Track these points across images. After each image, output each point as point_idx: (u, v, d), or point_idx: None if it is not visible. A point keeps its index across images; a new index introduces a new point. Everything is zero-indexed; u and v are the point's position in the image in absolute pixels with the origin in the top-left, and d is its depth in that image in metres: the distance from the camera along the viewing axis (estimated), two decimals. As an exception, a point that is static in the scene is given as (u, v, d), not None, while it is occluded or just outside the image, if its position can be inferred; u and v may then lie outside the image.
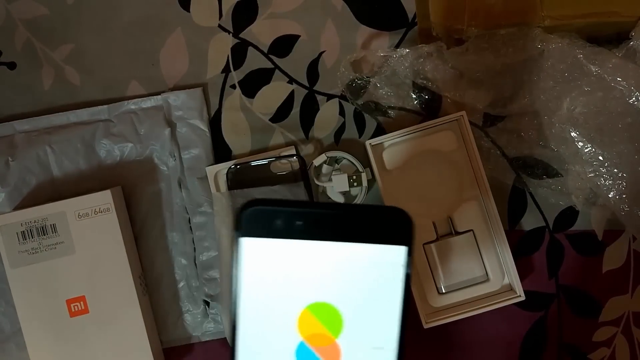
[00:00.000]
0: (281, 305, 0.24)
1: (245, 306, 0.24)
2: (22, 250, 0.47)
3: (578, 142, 0.45)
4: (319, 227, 0.23)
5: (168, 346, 0.51)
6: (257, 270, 0.24)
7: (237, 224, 0.23)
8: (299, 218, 0.23)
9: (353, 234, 0.24)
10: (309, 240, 0.24)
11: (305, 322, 0.24)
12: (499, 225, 0.48)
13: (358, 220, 0.24)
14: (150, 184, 0.51)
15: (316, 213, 0.24)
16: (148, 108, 0.52)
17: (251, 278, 0.24)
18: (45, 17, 0.53)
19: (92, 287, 0.47)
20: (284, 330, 0.24)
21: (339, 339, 0.24)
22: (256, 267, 0.24)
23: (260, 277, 0.24)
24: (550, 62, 0.45)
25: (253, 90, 0.52)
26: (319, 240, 0.24)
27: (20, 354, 0.50)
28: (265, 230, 0.23)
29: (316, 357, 0.24)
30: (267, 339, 0.24)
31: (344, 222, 0.23)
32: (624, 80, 0.43)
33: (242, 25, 0.52)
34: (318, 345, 0.24)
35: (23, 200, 0.51)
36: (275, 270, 0.24)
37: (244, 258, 0.24)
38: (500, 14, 0.46)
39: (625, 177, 0.45)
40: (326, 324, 0.24)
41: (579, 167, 0.46)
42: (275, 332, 0.24)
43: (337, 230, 0.24)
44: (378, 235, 0.24)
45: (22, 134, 0.51)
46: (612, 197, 0.45)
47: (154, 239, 0.51)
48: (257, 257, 0.24)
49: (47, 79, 0.53)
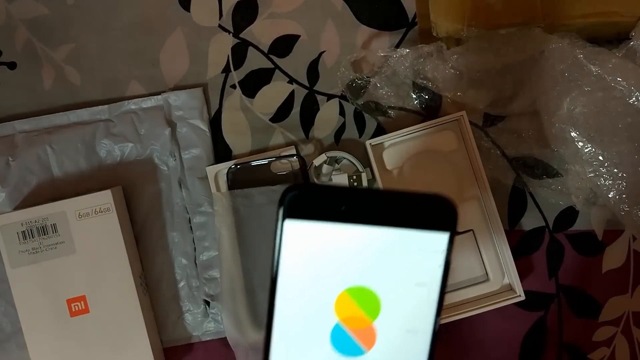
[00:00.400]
0: (319, 287, 0.24)
1: (283, 287, 0.24)
2: (23, 250, 0.47)
3: (578, 142, 0.45)
4: (362, 212, 0.24)
5: (168, 346, 0.52)
6: (298, 252, 0.24)
7: (281, 206, 0.23)
8: (343, 202, 0.24)
9: (396, 220, 0.24)
10: (351, 225, 0.24)
11: (343, 305, 0.24)
12: (498, 225, 0.48)
13: (402, 206, 0.24)
14: (150, 184, 0.51)
15: (360, 198, 0.24)
16: (148, 108, 0.52)
17: (291, 260, 0.24)
18: (46, 17, 0.53)
19: (92, 287, 0.47)
20: (321, 311, 0.24)
21: (375, 322, 0.24)
22: (297, 249, 0.24)
23: (300, 259, 0.24)
24: (551, 62, 0.45)
25: (253, 90, 0.52)
26: (361, 224, 0.24)
27: (20, 354, 0.50)
28: (309, 213, 0.24)
29: (351, 339, 0.24)
30: (303, 319, 0.24)
31: (388, 208, 0.24)
32: (624, 80, 0.43)
33: (242, 25, 0.52)
34: (354, 327, 0.24)
35: (23, 200, 0.51)
36: (316, 253, 0.24)
37: (286, 240, 0.24)
38: (500, 14, 0.46)
39: (625, 177, 0.45)
40: (363, 307, 0.24)
41: (578, 167, 0.46)
42: (312, 313, 0.24)
43: (380, 215, 0.24)
44: (421, 222, 0.24)
45: (23, 134, 0.51)
46: (612, 197, 0.45)
47: (155, 238, 0.51)
48: (298, 239, 0.24)
49: (48, 78, 0.53)
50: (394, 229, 0.24)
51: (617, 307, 0.52)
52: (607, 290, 0.52)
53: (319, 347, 0.24)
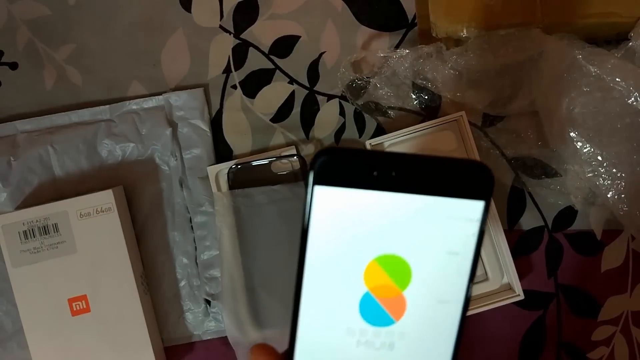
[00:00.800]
0: (349, 255, 0.23)
1: (312, 255, 0.23)
2: (24, 250, 0.47)
3: (577, 142, 0.45)
4: (394, 179, 0.23)
5: (169, 345, 0.52)
6: (328, 219, 0.23)
7: (310, 172, 0.23)
8: (375, 168, 0.22)
9: (429, 187, 0.23)
10: (382, 192, 0.23)
11: (372, 274, 0.23)
12: (498, 225, 0.48)
13: (435, 173, 0.22)
14: (151, 184, 0.51)
15: (393, 163, 0.22)
16: (149, 108, 0.52)
17: (321, 227, 0.23)
18: (47, 18, 0.53)
19: (93, 286, 0.47)
20: (350, 280, 0.23)
21: (405, 291, 0.23)
22: (327, 216, 0.23)
23: (330, 226, 0.23)
24: (550, 63, 0.46)
25: (254, 90, 0.53)
26: (393, 191, 0.23)
27: (21, 353, 0.50)
28: (339, 179, 0.23)
29: (380, 308, 0.24)
30: (332, 288, 0.24)
31: (421, 174, 0.22)
32: (622, 81, 0.43)
33: (243, 26, 0.53)
34: (383, 296, 0.23)
35: (25, 200, 0.51)
36: (346, 221, 0.23)
37: (315, 206, 0.23)
38: (499, 14, 0.47)
39: (624, 177, 0.45)
40: (393, 276, 0.23)
41: (577, 167, 0.47)
42: (341, 281, 0.23)
43: (413, 182, 0.23)
44: (455, 189, 0.22)
45: (24, 134, 0.52)
46: (610, 197, 0.45)
47: (156, 238, 0.51)
48: (328, 206, 0.23)
49: (49, 79, 0.53)
50: (427, 196, 0.23)
51: (616, 307, 0.52)
52: (606, 289, 0.52)
53: (347, 316, 0.24)
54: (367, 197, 0.23)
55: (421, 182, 0.22)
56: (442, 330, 0.23)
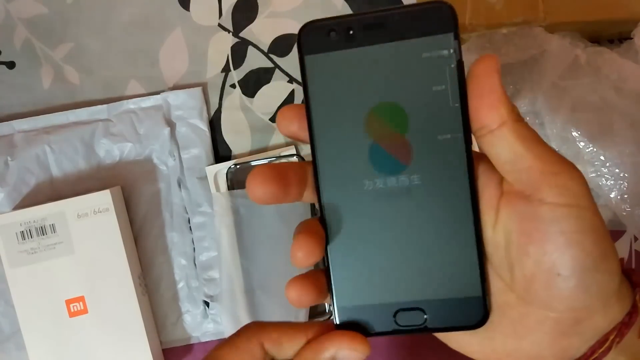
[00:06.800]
0: (348, 112, 0.26)
1: (317, 121, 0.26)
2: (21, 250, 0.47)
3: (579, 142, 0.45)
4: (368, 33, 0.25)
5: (167, 347, 0.51)
6: (322, 83, 0.26)
7: (297, 45, 0.26)
8: (349, 26, 0.25)
9: (401, 33, 0.25)
10: (361, 47, 0.25)
11: (373, 124, 0.25)
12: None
13: (403, 19, 0.25)
14: (149, 184, 0.51)
15: (363, 19, 0.25)
16: (147, 107, 0.51)
17: (318, 92, 0.26)
18: (45, 16, 0.52)
19: (91, 288, 0.47)
20: (354, 136, 0.26)
21: (407, 135, 0.25)
22: (320, 80, 0.26)
23: (325, 89, 0.26)
24: (552, 62, 0.45)
25: (253, 89, 0.52)
26: (370, 45, 0.25)
27: (19, 354, 0.50)
28: (323, 45, 0.26)
29: (389, 155, 0.25)
30: (341, 148, 0.26)
31: (391, 23, 0.25)
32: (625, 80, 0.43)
33: (242, 25, 0.52)
34: (389, 144, 0.25)
35: (22, 200, 0.51)
36: (337, 81, 0.26)
37: (308, 74, 0.26)
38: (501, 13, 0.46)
39: (627, 177, 0.45)
40: (392, 123, 0.25)
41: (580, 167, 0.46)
42: (347, 140, 0.26)
43: (386, 32, 0.25)
44: (424, 29, 0.25)
45: (21, 134, 0.51)
46: (613, 197, 0.45)
47: (154, 239, 0.51)
48: (319, 71, 0.26)
49: (47, 78, 0.53)
50: (402, 41, 0.25)
51: (618, 308, 0.51)
52: (608, 290, 0.51)
53: (361, 171, 0.26)
54: (349, 55, 0.26)
55: (393, 30, 0.25)
56: (452, 167, 0.25)
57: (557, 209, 0.23)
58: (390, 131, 0.25)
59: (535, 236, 0.23)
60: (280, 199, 0.26)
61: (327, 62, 0.26)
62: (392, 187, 0.26)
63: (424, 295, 0.26)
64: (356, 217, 0.26)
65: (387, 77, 0.25)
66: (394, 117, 0.25)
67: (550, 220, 0.23)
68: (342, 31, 0.25)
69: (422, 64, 0.25)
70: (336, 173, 0.26)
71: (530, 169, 0.23)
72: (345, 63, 0.26)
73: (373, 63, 0.25)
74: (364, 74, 0.26)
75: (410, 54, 0.25)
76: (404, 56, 0.25)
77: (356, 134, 0.26)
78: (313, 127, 0.26)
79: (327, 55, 0.26)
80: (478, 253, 0.25)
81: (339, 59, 0.26)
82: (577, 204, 0.23)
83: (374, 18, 0.25)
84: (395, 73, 0.25)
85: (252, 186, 0.25)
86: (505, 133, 0.23)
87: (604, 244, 0.23)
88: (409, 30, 0.25)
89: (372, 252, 0.26)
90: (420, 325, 0.26)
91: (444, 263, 0.25)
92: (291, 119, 0.26)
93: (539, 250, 0.23)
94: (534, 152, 0.23)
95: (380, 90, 0.25)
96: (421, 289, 0.26)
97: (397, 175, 0.25)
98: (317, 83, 0.26)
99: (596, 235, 0.23)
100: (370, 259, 0.26)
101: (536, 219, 0.23)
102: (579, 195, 0.23)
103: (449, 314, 0.26)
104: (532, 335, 0.24)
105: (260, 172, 0.25)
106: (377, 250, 0.26)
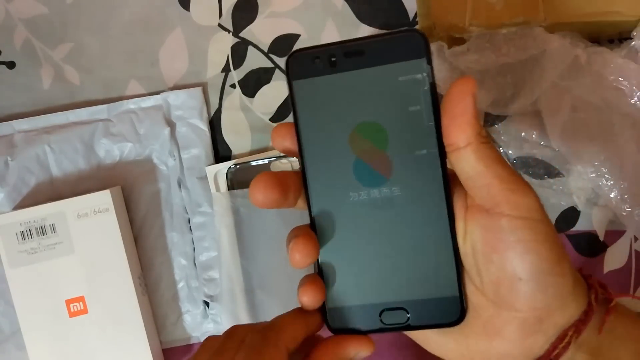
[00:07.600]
0: (333, 131, 0.28)
1: (306, 139, 0.29)
2: (21, 250, 0.47)
3: (580, 142, 0.45)
4: (349, 59, 0.28)
5: (167, 346, 0.51)
6: (308, 105, 0.29)
7: (286, 72, 0.29)
8: (332, 54, 0.28)
9: (379, 58, 0.28)
10: (343, 72, 0.28)
11: (356, 142, 0.28)
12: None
13: (380, 47, 0.28)
14: (149, 184, 0.51)
15: (344, 47, 0.28)
16: (147, 107, 0.51)
17: (306, 113, 0.29)
18: (45, 16, 0.52)
19: (91, 288, 0.47)
20: (340, 153, 0.28)
21: (387, 151, 0.28)
22: (307, 103, 0.29)
23: (313, 110, 0.29)
24: (552, 62, 0.45)
25: (253, 89, 0.52)
26: (352, 70, 0.28)
27: (19, 354, 0.50)
28: (309, 71, 0.28)
29: (371, 169, 0.28)
30: (328, 164, 0.28)
31: (369, 50, 0.28)
32: (625, 80, 0.43)
33: (242, 25, 0.52)
34: (371, 159, 0.28)
35: (22, 200, 0.51)
36: (322, 103, 0.28)
37: (297, 98, 0.29)
38: (501, 13, 0.46)
39: (627, 177, 0.45)
40: (373, 140, 0.28)
41: (580, 167, 0.46)
42: (333, 156, 0.28)
43: (365, 58, 0.28)
44: (399, 55, 0.28)
45: (21, 134, 0.51)
46: (613, 197, 0.45)
47: (154, 239, 0.51)
48: (306, 94, 0.29)
49: (47, 78, 0.53)
50: (379, 67, 0.28)
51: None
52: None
53: (347, 184, 0.28)
54: (333, 79, 0.28)
55: (371, 56, 0.28)
56: (428, 179, 0.28)
57: (514, 221, 0.25)
58: (372, 148, 0.28)
59: (497, 245, 0.26)
60: (279, 205, 0.28)
61: (313, 86, 0.28)
62: (375, 198, 0.28)
63: (407, 295, 0.28)
64: (343, 225, 0.28)
65: (368, 98, 0.28)
66: (375, 135, 0.28)
67: (509, 230, 0.25)
68: (325, 58, 0.28)
69: (398, 86, 0.28)
70: (324, 186, 0.29)
71: (490, 186, 0.26)
72: (330, 87, 0.28)
73: (354, 86, 0.28)
74: (346, 96, 0.28)
75: (388, 77, 0.28)
76: (382, 80, 0.28)
77: (341, 151, 0.28)
78: (302, 145, 0.29)
79: (313, 80, 0.28)
80: (455, 256, 0.27)
81: (323, 83, 0.28)
82: (532, 216, 0.25)
83: (354, 46, 0.28)
84: (375, 95, 0.28)
85: (254, 192, 0.27)
86: (470, 152, 0.26)
87: (557, 250, 0.26)
88: (386, 57, 0.28)
89: (359, 258, 0.28)
90: (403, 323, 0.28)
91: (424, 266, 0.28)
92: (284, 136, 0.29)
93: (501, 257, 0.26)
94: (494, 171, 0.25)
95: (362, 111, 0.28)
96: (404, 290, 0.28)
97: (379, 187, 0.28)
98: (305, 105, 0.29)
99: (550, 243, 0.26)
100: (357, 264, 0.28)
101: (497, 230, 0.26)
102: (533, 209, 0.25)
103: (429, 312, 0.28)
104: (501, 335, 0.27)
105: (262, 179, 0.27)
106: (364, 256, 0.28)
